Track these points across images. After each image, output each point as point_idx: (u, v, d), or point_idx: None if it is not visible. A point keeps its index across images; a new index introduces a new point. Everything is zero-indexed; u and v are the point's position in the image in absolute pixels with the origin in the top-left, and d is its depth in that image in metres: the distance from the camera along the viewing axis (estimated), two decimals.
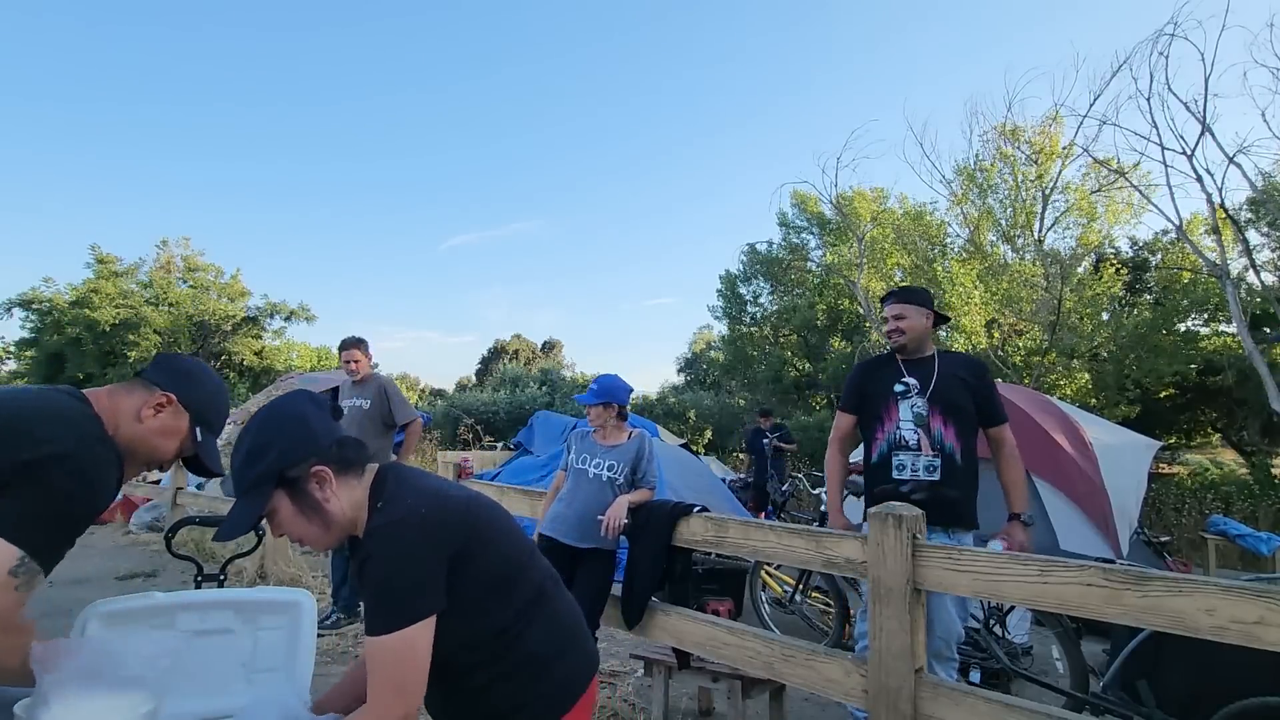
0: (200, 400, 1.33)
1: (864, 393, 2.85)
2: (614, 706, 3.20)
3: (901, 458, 2.66)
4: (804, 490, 8.91)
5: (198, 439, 1.33)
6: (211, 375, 1.40)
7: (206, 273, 19.96)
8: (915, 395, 2.70)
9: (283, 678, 1.98)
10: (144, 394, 1.29)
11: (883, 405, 2.75)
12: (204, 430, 1.34)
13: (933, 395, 2.70)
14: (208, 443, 1.36)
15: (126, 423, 1.26)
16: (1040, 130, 14.13)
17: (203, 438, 1.34)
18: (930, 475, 2.61)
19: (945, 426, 2.67)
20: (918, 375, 2.74)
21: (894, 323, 2.80)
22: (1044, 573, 1.78)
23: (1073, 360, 11.79)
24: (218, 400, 1.39)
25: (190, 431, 1.32)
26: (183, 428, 1.31)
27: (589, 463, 2.99)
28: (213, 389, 1.38)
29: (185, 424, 1.32)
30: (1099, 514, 4.66)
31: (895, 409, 2.72)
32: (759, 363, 18.76)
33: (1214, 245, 11.43)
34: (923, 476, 2.62)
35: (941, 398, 2.70)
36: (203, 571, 2.43)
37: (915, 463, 2.64)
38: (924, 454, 2.64)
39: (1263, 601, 1.45)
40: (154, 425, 1.28)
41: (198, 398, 1.33)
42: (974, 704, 1.87)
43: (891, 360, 2.85)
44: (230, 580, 2.61)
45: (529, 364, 30.32)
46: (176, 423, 1.31)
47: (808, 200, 18.36)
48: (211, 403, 1.37)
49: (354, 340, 4.74)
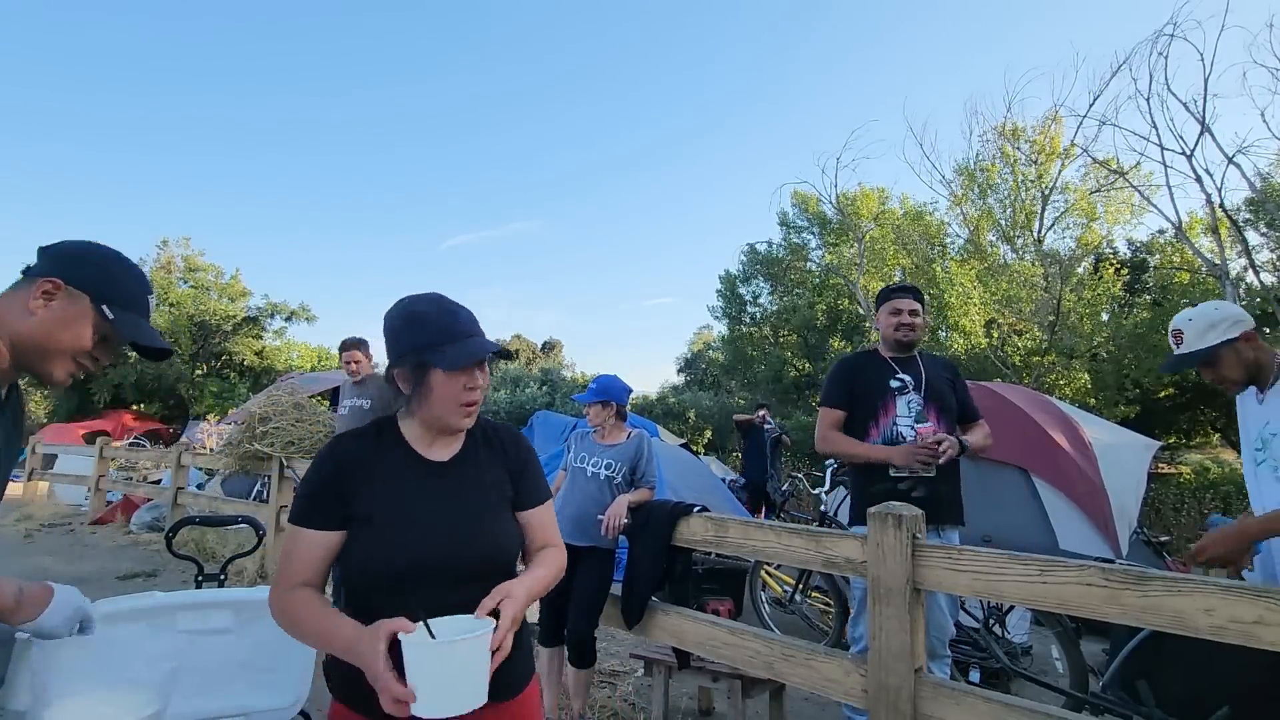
0: (92, 277, 1.18)
1: (854, 390, 2.81)
2: (614, 706, 3.21)
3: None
4: (804, 490, 8.89)
5: (108, 317, 1.17)
6: (101, 249, 1.24)
7: (207, 273, 19.94)
8: (911, 392, 2.71)
9: (282, 677, 1.98)
10: (26, 287, 1.15)
11: (879, 401, 2.74)
12: (113, 307, 1.18)
13: (928, 392, 2.71)
14: (126, 319, 1.20)
15: (17, 322, 1.13)
16: (1040, 130, 14.14)
17: (115, 315, 1.18)
18: (927, 471, 2.61)
19: (939, 422, 2.68)
20: (908, 373, 2.75)
21: (909, 318, 2.77)
22: (1044, 572, 1.78)
23: (1072, 360, 11.79)
24: (114, 271, 1.22)
25: (95, 312, 1.17)
26: (84, 311, 1.16)
27: (588, 462, 3.00)
28: (102, 261, 1.21)
29: (86, 306, 1.16)
30: (1099, 514, 4.66)
31: (893, 405, 2.71)
32: (759, 363, 18.76)
33: (1213, 245, 11.44)
34: (920, 473, 2.62)
35: (936, 395, 2.73)
36: (203, 571, 2.43)
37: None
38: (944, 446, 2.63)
39: (1262, 601, 1.46)
40: (48, 316, 1.14)
41: (88, 275, 1.18)
42: (974, 704, 1.87)
43: (877, 357, 2.84)
44: (230, 580, 2.61)
45: (529, 364, 30.30)
46: (74, 307, 1.16)
47: (808, 200, 18.38)
48: (107, 276, 1.20)
49: (354, 341, 4.75)
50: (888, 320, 2.83)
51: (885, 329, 2.84)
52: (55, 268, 1.16)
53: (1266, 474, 2.08)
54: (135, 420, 16.75)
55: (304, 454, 5.83)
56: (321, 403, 9.23)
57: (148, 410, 18.20)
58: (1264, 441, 2.09)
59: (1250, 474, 2.21)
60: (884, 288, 2.99)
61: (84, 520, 8.46)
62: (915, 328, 2.78)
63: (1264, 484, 2.10)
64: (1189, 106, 10.83)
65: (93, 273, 1.19)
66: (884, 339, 2.87)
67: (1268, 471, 2.07)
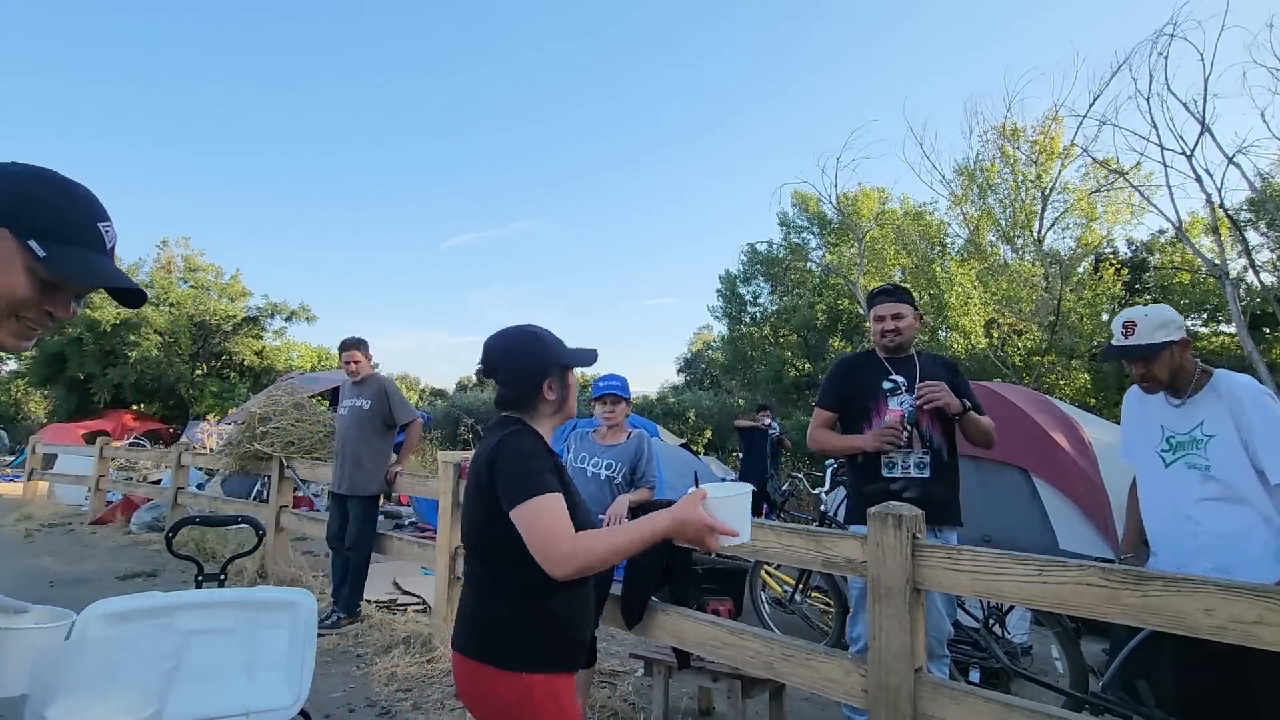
0: (6, 205, 0.89)
1: (846, 391, 2.82)
2: (614, 706, 3.21)
3: (892, 455, 2.64)
4: (804, 490, 8.89)
5: (39, 255, 0.89)
6: (18, 167, 0.94)
7: (207, 273, 19.95)
8: (904, 393, 2.69)
9: (282, 677, 1.98)
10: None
11: (871, 402, 2.74)
12: (46, 243, 0.90)
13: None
14: (69, 256, 0.91)
15: None
16: (1040, 130, 14.14)
17: (51, 251, 0.90)
18: (921, 472, 2.60)
19: (933, 423, 2.66)
20: (903, 373, 2.73)
21: (893, 322, 2.76)
22: (1044, 573, 1.78)
23: (1072, 360, 11.79)
24: (40, 194, 0.92)
25: (23, 250, 0.89)
26: (5, 249, 0.88)
27: (588, 462, 3.00)
28: (20, 183, 0.91)
29: (10, 245, 0.88)
30: (1098, 514, 4.66)
31: (885, 406, 2.71)
32: (759, 363, 18.77)
33: (1213, 245, 11.44)
34: (914, 473, 2.61)
35: None
36: (203, 571, 2.43)
37: (906, 460, 2.62)
38: (914, 451, 2.62)
39: (1261, 601, 1.46)
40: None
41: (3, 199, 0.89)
42: (974, 704, 1.87)
43: (873, 358, 2.84)
44: (230, 580, 2.61)
45: None
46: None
47: (808, 200, 18.38)
48: (30, 201, 0.90)
49: (354, 341, 4.75)
50: (874, 327, 2.83)
51: (873, 335, 2.85)
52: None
53: (1180, 471, 2.21)
54: (135, 420, 16.74)
55: (304, 454, 5.82)
56: (321, 403, 9.24)
57: (148, 410, 18.21)
58: (1177, 443, 2.23)
59: (1152, 473, 2.32)
60: (870, 292, 2.96)
61: (84, 520, 8.47)
62: (900, 331, 2.75)
63: (1176, 481, 2.22)
64: (1189, 106, 10.84)
65: (12, 199, 0.90)
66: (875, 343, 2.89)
67: (1182, 469, 2.20)
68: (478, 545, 1.54)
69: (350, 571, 4.48)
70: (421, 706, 3.23)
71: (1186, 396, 2.24)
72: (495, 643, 1.46)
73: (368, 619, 4.44)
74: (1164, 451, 2.26)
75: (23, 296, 0.90)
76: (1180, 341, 2.21)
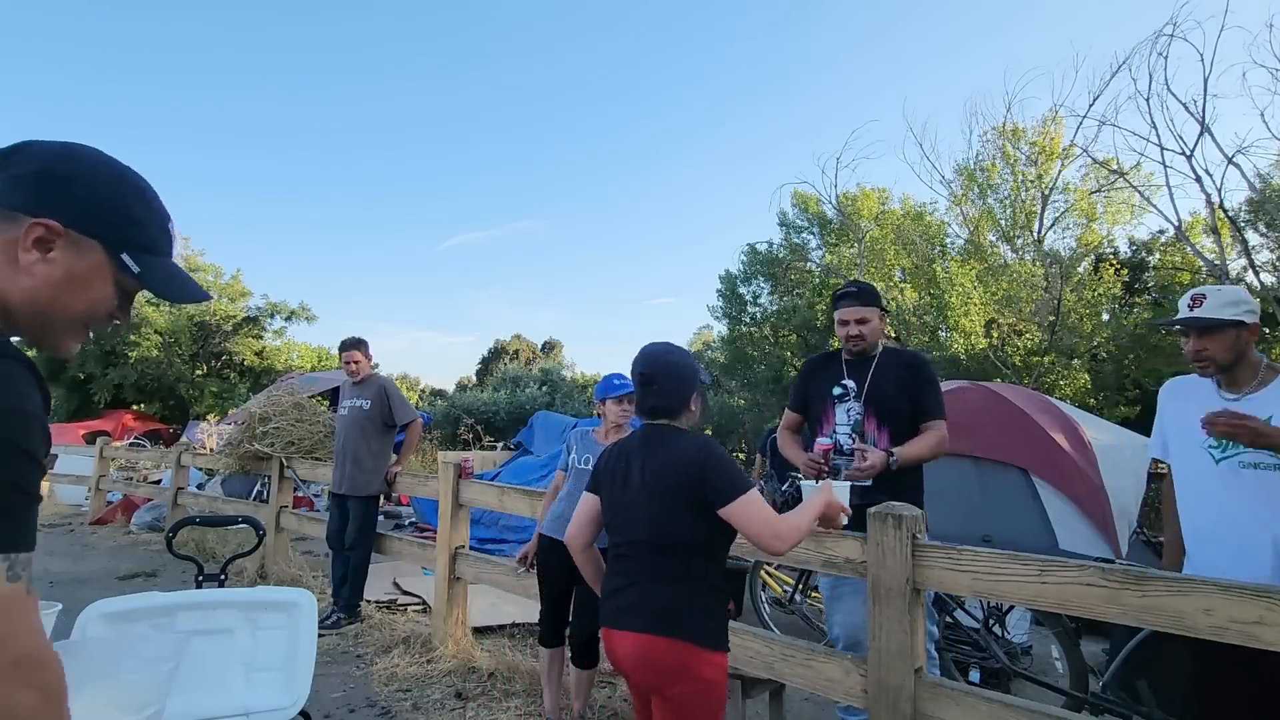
0: (104, 217, 0.82)
1: (808, 392, 2.81)
2: (614, 706, 3.20)
3: (837, 462, 2.59)
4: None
5: (134, 271, 0.84)
6: (100, 165, 0.85)
7: (207, 273, 19.92)
8: (852, 399, 2.66)
9: (282, 678, 1.98)
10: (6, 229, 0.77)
11: (821, 408, 2.73)
12: (137, 254, 0.84)
13: (867, 399, 2.64)
14: (155, 269, 0.86)
15: (6, 282, 0.77)
16: (1040, 130, 14.14)
17: (143, 265, 0.84)
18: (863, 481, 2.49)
19: (880, 430, 2.61)
20: (856, 377, 2.68)
21: (856, 327, 2.67)
22: (1044, 572, 1.78)
23: (1072, 360, 11.78)
24: (132, 204, 0.85)
25: (114, 264, 0.83)
26: (98, 263, 0.81)
27: (590, 462, 2.99)
28: (111, 190, 0.84)
29: (99, 256, 0.81)
30: (1099, 514, 4.66)
31: (832, 413, 2.69)
32: (759, 363, 18.74)
33: (1213, 246, 11.44)
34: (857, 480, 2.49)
35: (876, 401, 2.63)
36: (203, 571, 2.43)
37: (849, 468, 2.53)
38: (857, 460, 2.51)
39: (1262, 601, 1.46)
40: (49, 275, 0.78)
41: (98, 214, 0.81)
42: (973, 703, 1.87)
43: (835, 359, 2.80)
44: (230, 580, 2.61)
45: (529, 364, 30.27)
46: (83, 260, 0.80)
47: (808, 200, 18.37)
48: (124, 213, 0.84)
49: (354, 341, 4.75)
50: (838, 330, 2.75)
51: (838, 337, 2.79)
52: (42, 202, 0.78)
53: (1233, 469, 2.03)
54: (135, 420, 16.73)
55: (304, 454, 5.82)
56: (321, 403, 9.23)
57: (148, 410, 18.19)
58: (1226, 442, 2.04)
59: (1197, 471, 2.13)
60: (834, 293, 2.85)
61: (84, 520, 8.47)
62: (864, 336, 2.67)
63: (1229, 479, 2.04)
64: (1189, 107, 10.83)
65: (105, 211, 0.82)
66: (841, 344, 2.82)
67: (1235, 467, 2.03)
68: (671, 541, 1.69)
69: (350, 571, 4.48)
70: (421, 706, 3.23)
71: (1248, 390, 2.06)
72: (696, 626, 1.64)
73: (368, 619, 4.43)
74: (1213, 448, 2.07)
75: (109, 311, 0.86)
76: (1249, 326, 2.05)
